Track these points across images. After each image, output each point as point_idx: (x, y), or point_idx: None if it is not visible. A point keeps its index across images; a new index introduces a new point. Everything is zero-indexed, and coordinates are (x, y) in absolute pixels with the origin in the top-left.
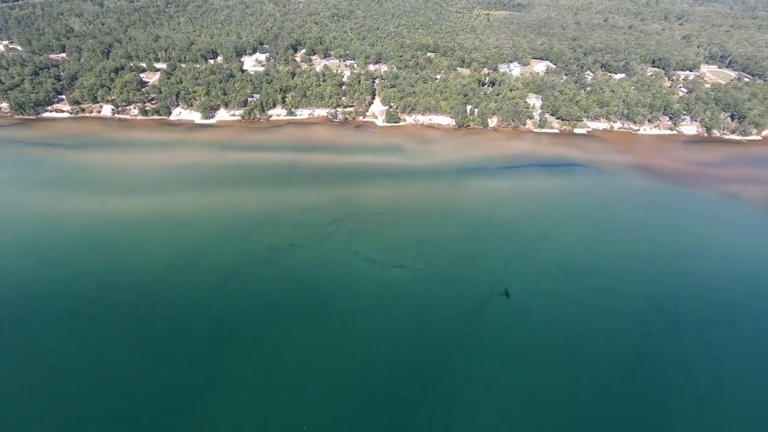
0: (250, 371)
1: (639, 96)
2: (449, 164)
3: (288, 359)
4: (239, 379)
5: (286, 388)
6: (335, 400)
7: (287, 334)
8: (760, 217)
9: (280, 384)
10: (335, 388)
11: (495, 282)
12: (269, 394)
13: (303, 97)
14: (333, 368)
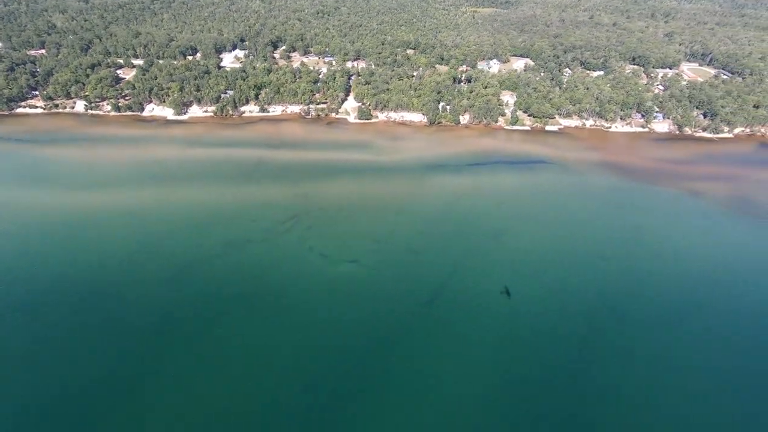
0: (192, 364)
1: (612, 94)
2: (416, 161)
3: (232, 353)
4: (181, 372)
5: (228, 382)
6: (276, 393)
7: (233, 329)
8: (721, 214)
9: (221, 378)
10: (278, 382)
11: (443, 278)
12: (210, 387)
13: (276, 94)
14: (275, 363)
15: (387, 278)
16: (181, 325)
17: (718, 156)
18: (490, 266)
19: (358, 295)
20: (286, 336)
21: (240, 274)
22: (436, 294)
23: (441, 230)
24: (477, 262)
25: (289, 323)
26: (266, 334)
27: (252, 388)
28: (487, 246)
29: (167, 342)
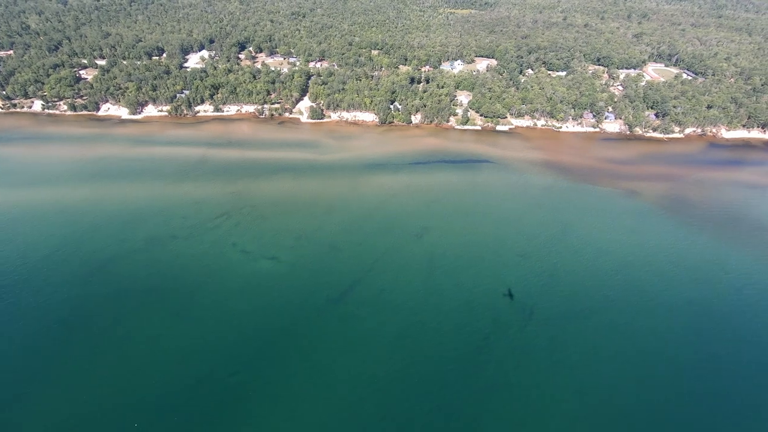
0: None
1: (566, 94)
2: (357, 160)
3: (133, 347)
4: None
5: (126, 376)
6: (170, 386)
7: (139, 323)
8: (651, 214)
9: (120, 371)
10: (173, 375)
11: (359, 274)
12: (108, 380)
13: (231, 94)
14: (172, 357)
15: (302, 274)
16: (88, 320)
17: (663, 156)
18: (407, 263)
19: (271, 291)
20: (190, 330)
21: (158, 270)
22: (348, 289)
23: (367, 228)
24: (395, 259)
25: (196, 318)
26: (171, 328)
27: (146, 382)
28: (409, 244)
29: (71, 336)
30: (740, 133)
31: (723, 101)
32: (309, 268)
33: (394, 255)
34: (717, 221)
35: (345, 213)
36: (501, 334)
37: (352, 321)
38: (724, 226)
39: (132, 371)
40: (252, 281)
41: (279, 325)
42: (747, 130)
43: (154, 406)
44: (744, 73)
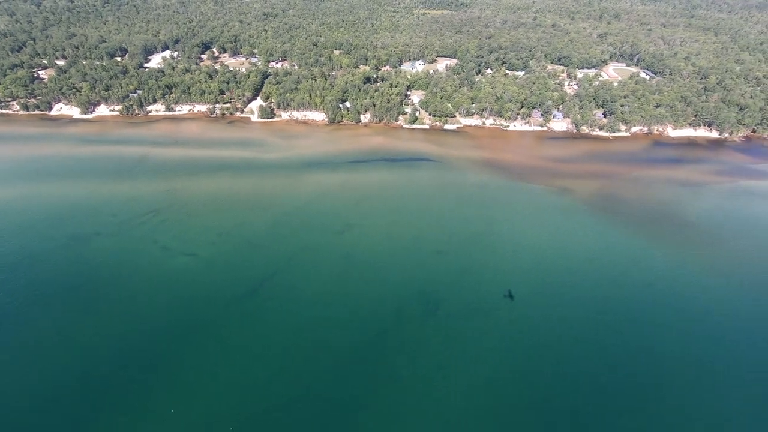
0: None
1: (515, 93)
2: (299, 159)
3: (45, 342)
4: None
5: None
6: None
7: (53, 318)
8: (579, 212)
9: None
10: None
11: (273, 270)
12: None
13: (184, 94)
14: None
15: (217, 270)
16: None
17: (604, 154)
18: (323, 259)
19: (183, 286)
20: (98, 325)
21: (76, 267)
22: (260, 285)
23: (291, 225)
24: (313, 255)
25: (105, 313)
26: (80, 323)
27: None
28: (329, 240)
29: None
30: (686, 132)
31: (672, 100)
32: (225, 264)
33: (312, 251)
34: (642, 218)
35: (273, 211)
36: (401, 328)
37: (257, 315)
38: (649, 223)
39: (39, 367)
40: (166, 277)
41: (185, 320)
42: (693, 129)
43: (57, 401)
44: (700, 72)
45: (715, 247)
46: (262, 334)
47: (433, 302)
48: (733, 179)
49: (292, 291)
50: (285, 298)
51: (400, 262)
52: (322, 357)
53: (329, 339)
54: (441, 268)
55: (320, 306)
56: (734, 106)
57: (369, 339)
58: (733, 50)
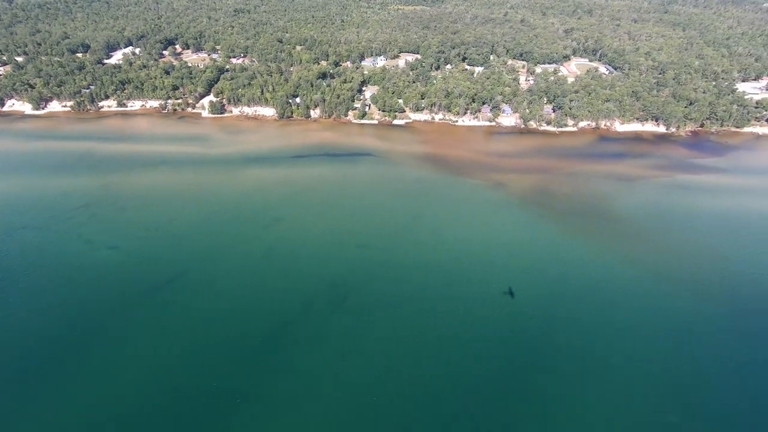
0: None
1: (467, 88)
2: (243, 153)
3: None
4: None
5: None
6: None
7: None
8: (507, 205)
9: None
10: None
11: (193, 263)
12: None
13: (136, 89)
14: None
15: (136, 263)
16: None
17: (548, 149)
18: (245, 252)
19: (98, 279)
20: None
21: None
22: (175, 277)
23: (220, 219)
24: (235, 248)
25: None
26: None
27: None
28: (255, 234)
29: None
30: (634, 126)
31: (621, 95)
32: (145, 258)
33: (236, 245)
34: (571, 212)
35: (206, 205)
36: (305, 321)
37: (164, 308)
38: (576, 217)
39: None
40: (81, 270)
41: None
42: (641, 124)
43: None
44: (659, 67)
45: (639, 240)
46: (167, 327)
47: (343, 295)
48: (671, 174)
49: (206, 284)
50: (197, 291)
51: (320, 256)
52: (222, 349)
53: (234, 331)
54: (359, 262)
55: (231, 298)
56: (684, 100)
57: (272, 331)
58: (698, 45)
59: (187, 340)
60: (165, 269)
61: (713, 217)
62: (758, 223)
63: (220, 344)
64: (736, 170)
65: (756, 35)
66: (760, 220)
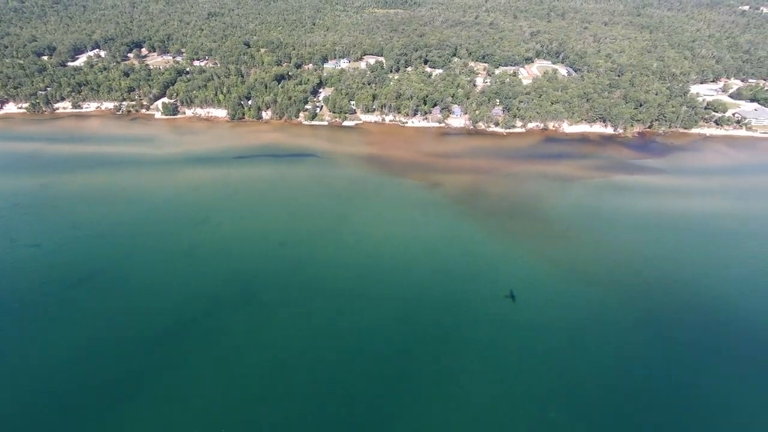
0: None
1: (419, 90)
2: (188, 154)
3: None
4: None
5: None
6: None
7: None
8: (437, 204)
9: None
10: None
11: (112, 260)
12: None
13: (92, 91)
14: None
15: (54, 260)
16: None
17: (492, 150)
18: (163, 253)
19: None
20: None
21: None
22: (91, 275)
23: (150, 218)
24: (158, 247)
25: None
26: None
27: None
28: (181, 232)
29: None
30: (582, 128)
31: (572, 97)
32: (64, 255)
33: (158, 243)
34: (499, 212)
35: (139, 204)
36: (210, 317)
37: (75, 305)
38: (503, 217)
39: None
40: None
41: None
42: (589, 125)
43: None
44: (617, 69)
45: (558, 239)
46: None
47: (253, 291)
48: (607, 174)
49: (119, 282)
50: (107, 289)
51: (239, 254)
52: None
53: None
54: (276, 259)
55: (141, 296)
56: (634, 102)
57: (176, 328)
58: (662, 47)
59: (81, 338)
60: (80, 268)
61: (640, 216)
62: (685, 223)
63: (116, 342)
64: (674, 171)
65: (723, 38)
66: (687, 220)
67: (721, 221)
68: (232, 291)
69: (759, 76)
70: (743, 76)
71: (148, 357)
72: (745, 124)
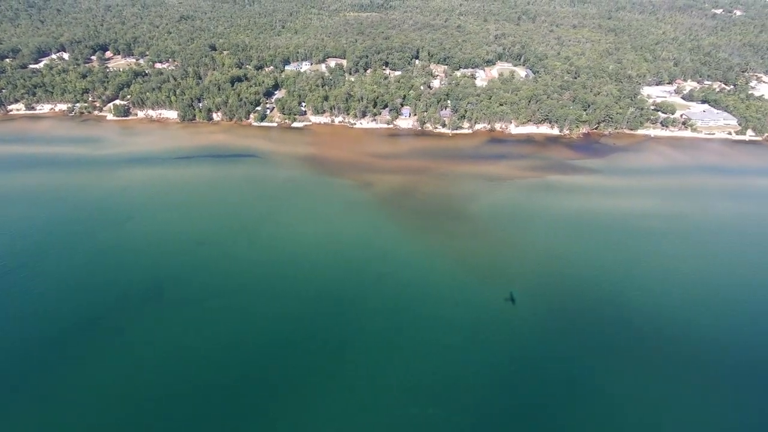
0: None
1: (370, 92)
2: (130, 154)
3: None
4: None
5: None
6: None
7: None
8: (364, 204)
9: None
10: None
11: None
12: None
13: (46, 93)
14: None
15: None
16: None
17: (434, 150)
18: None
19: None
20: None
21: None
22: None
23: (71, 217)
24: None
25: None
26: None
27: None
28: (102, 231)
29: None
30: (529, 129)
31: (521, 98)
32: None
33: (75, 243)
34: (424, 211)
35: (64, 204)
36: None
37: None
38: (427, 216)
39: None
40: None
41: None
42: (536, 126)
43: None
44: (573, 71)
45: (476, 239)
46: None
47: (160, 290)
48: (542, 174)
49: (29, 281)
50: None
51: (155, 252)
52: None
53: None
54: (190, 259)
55: (49, 295)
56: (582, 103)
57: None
58: (624, 50)
59: None
60: (7, 259)
61: (564, 216)
62: (607, 222)
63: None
64: (609, 171)
65: (686, 41)
66: (610, 219)
67: (643, 220)
68: (141, 289)
69: (715, 78)
70: (700, 78)
71: (45, 356)
72: (690, 125)
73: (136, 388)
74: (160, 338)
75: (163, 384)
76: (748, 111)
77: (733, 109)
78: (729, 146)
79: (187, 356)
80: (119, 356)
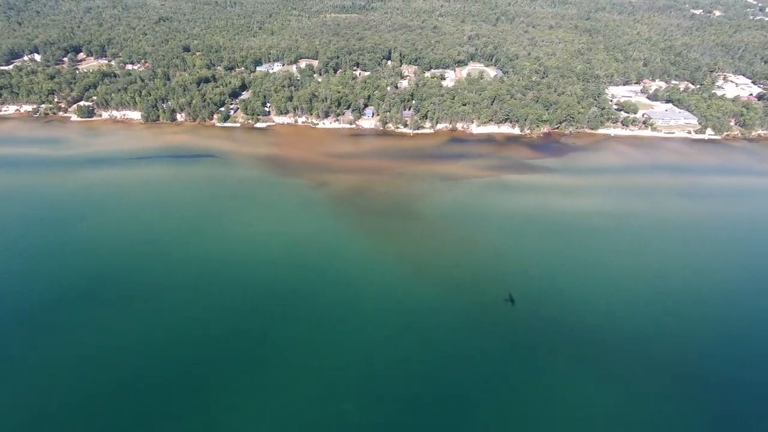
0: None
1: (334, 92)
2: (90, 155)
3: None
4: None
5: None
6: None
7: None
8: (317, 203)
9: None
10: None
11: None
12: None
13: (12, 94)
14: None
15: None
16: None
17: (393, 150)
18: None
19: None
20: None
21: None
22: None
23: (21, 218)
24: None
25: None
26: None
27: None
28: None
29: None
30: (490, 128)
31: (484, 98)
32: None
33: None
34: (375, 211)
35: (16, 205)
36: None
37: None
38: (378, 216)
39: None
40: None
41: None
42: (497, 125)
43: None
44: (541, 71)
45: (423, 237)
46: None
47: (100, 289)
48: (498, 174)
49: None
50: None
51: (103, 251)
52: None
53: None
54: (135, 258)
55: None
56: (545, 103)
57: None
58: (596, 50)
59: None
60: None
61: (515, 214)
62: (557, 220)
63: None
64: (566, 170)
65: (660, 41)
66: (560, 217)
67: (595, 218)
68: (80, 288)
69: (683, 78)
70: (668, 78)
71: None
72: (650, 125)
73: (56, 388)
74: (91, 337)
75: (82, 384)
76: (709, 110)
77: (695, 109)
78: (688, 145)
79: (114, 356)
80: (48, 356)
